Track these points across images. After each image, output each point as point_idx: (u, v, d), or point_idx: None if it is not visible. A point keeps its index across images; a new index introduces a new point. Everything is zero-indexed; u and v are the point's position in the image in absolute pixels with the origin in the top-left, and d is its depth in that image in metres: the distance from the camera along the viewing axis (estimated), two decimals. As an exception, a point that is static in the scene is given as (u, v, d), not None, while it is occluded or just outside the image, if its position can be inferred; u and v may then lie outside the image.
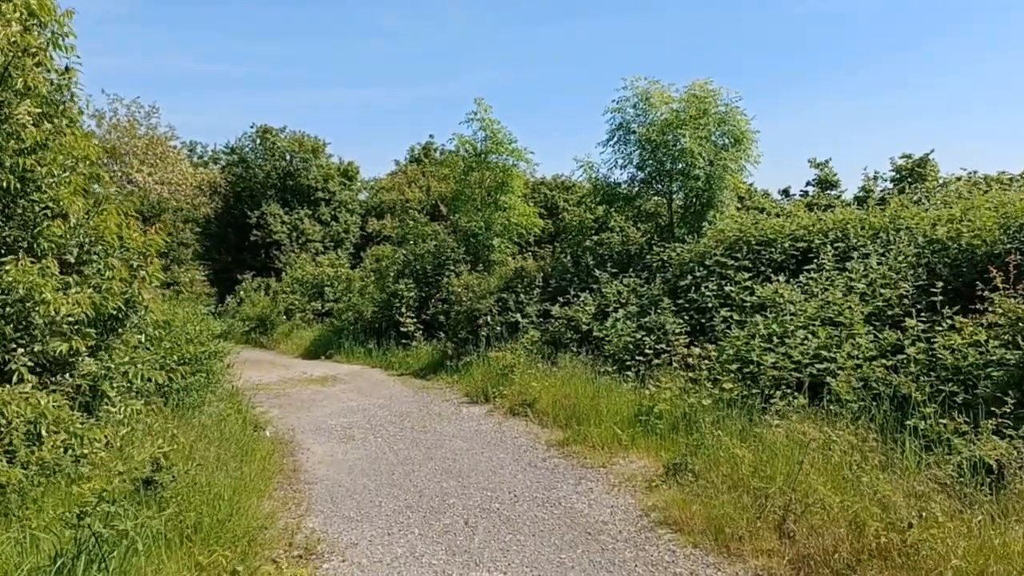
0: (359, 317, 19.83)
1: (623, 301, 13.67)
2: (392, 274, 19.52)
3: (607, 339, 12.65)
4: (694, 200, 15.87)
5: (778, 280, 11.53)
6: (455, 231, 20.80)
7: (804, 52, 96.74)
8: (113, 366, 6.92)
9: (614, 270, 14.69)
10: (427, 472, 8.50)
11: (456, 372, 15.05)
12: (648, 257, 14.71)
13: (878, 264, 11.05)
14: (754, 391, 8.91)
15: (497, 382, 12.82)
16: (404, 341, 17.83)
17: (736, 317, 11.26)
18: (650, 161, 15.94)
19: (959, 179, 19.14)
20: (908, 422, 7.18)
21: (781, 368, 8.98)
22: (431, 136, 37.60)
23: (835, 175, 22.96)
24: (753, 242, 12.58)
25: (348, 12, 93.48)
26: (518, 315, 14.99)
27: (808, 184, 23.81)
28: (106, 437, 6.43)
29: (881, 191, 19.98)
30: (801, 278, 11.37)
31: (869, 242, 11.86)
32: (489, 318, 15.36)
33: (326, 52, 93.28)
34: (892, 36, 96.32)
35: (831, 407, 8.25)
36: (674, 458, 7.99)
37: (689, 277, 12.66)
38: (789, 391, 8.59)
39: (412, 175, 30.22)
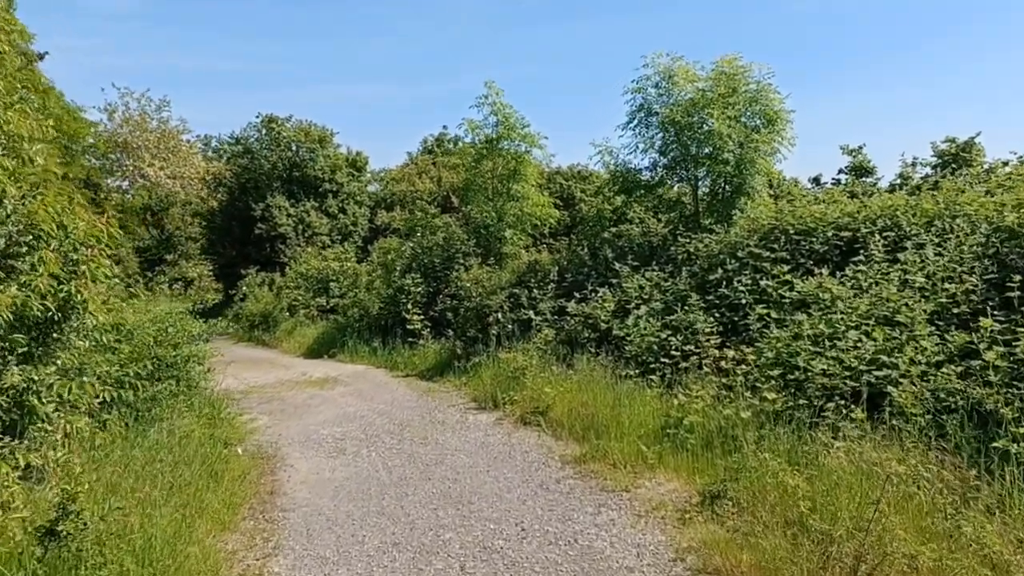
0: (364, 314, 18.74)
1: (646, 297, 12.47)
2: (398, 268, 18.39)
3: (628, 339, 11.47)
4: (723, 187, 14.62)
5: (820, 273, 10.30)
6: (467, 223, 19.64)
7: (803, 51, 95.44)
8: (38, 378, 5.81)
9: (635, 263, 13.49)
10: (423, 496, 7.36)
11: (464, 374, 13.92)
12: (672, 249, 13.49)
13: (936, 255, 9.80)
14: (801, 402, 7.70)
15: (507, 386, 11.68)
16: (411, 339, 16.72)
17: (774, 315, 10.04)
18: (674, 145, 14.69)
19: (1006, 163, 17.75)
20: (996, 444, 5.96)
21: (833, 375, 7.76)
22: (444, 127, 36.52)
23: (870, 162, 21.58)
24: (791, 231, 11.34)
25: (348, 11, 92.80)
26: (531, 312, 13.82)
27: (840, 172, 22.45)
28: (27, 462, 5.31)
29: (921, 178, 18.59)
30: (847, 271, 10.14)
31: (922, 231, 10.60)
32: (500, 315, 14.20)
33: (327, 51, 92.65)
34: (891, 36, 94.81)
35: (894, 422, 7.07)
36: (711, 484, 6.80)
37: (719, 270, 11.43)
38: (843, 402, 7.37)
39: (423, 165, 29.06)
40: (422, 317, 16.79)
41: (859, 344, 8.16)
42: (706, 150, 14.41)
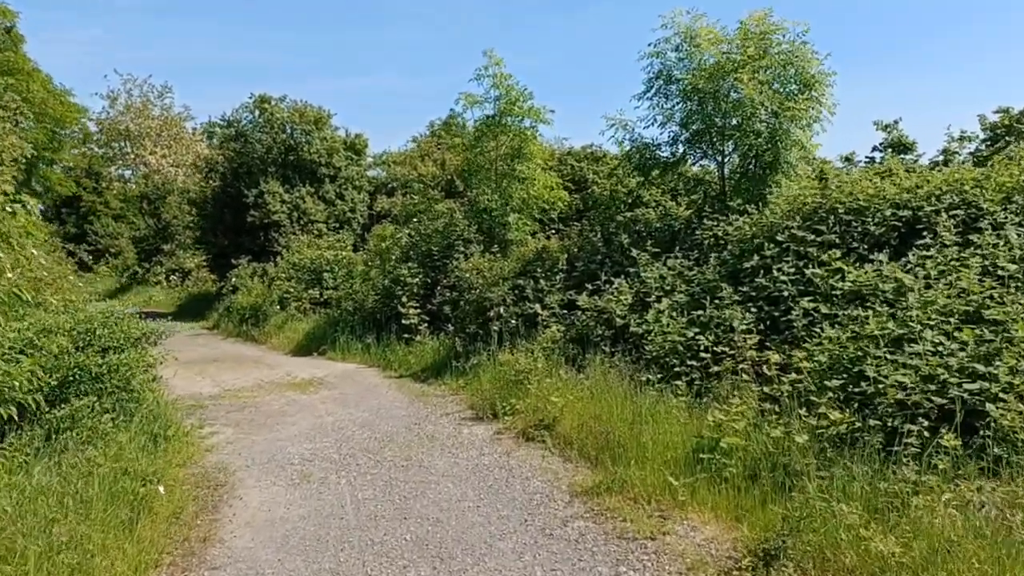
0: (359, 307, 17.20)
1: (668, 288, 10.86)
2: (394, 257, 16.81)
3: (648, 337, 9.88)
4: (753, 162, 12.94)
5: (878, 260, 8.68)
6: (472, 208, 18.05)
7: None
8: None
9: (655, 249, 11.86)
10: (393, 544, 5.81)
11: (462, 375, 12.37)
12: (698, 233, 11.84)
13: (1019, 236, 8.15)
14: (871, 422, 6.09)
15: (508, 392, 10.12)
16: (406, 335, 15.16)
17: (824, 310, 8.42)
18: (697, 116, 13.01)
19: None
20: None
21: (911, 389, 6.14)
22: (452, 110, 34.79)
23: (908, 137, 19.77)
24: (841, 210, 9.67)
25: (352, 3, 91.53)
26: (537, 306, 12.22)
27: (875, 149, 20.63)
28: None
29: (970, 153, 16.80)
30: (911, 256, 8.50)
31: (999, 208, 8.94)
32: (502, 309, 12.63)
33: (332, 42, 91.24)
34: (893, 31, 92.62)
35: (996, 450, 5.49)
36: (763, 537, 5.20)
37: (755, 257, 9.79)
38: (927, 424, 5.76)
39: (426, 148, 27.46)
40: (419, 311, 15.23)
41: (941, 348, 6.54)
42: (733, 121, 12.73)
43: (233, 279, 23.05)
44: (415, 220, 17.77)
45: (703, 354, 8.87)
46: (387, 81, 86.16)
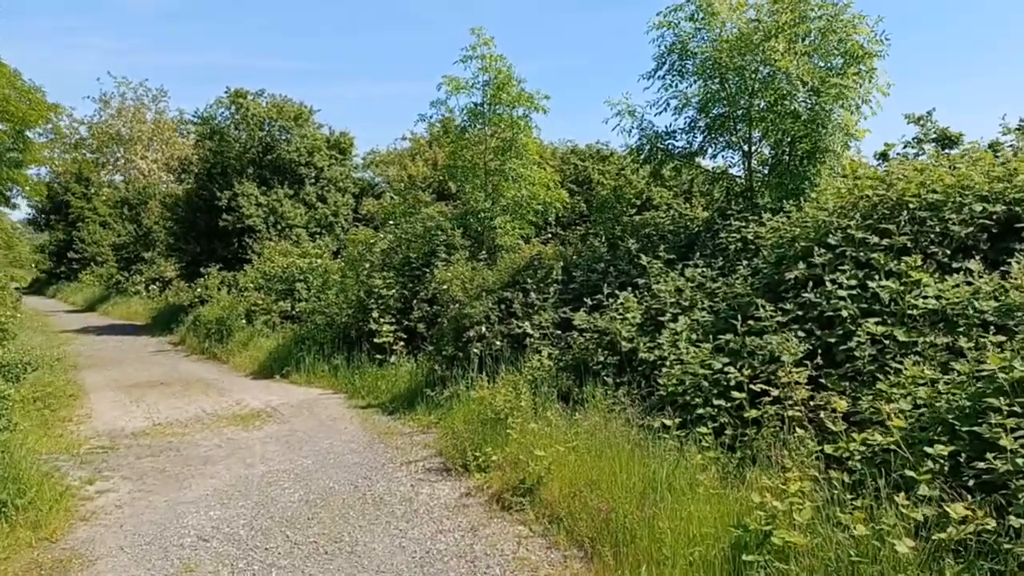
0: (331, 322, 15.06)
1: (685, 304, 8.71)
2: (367, 266, 14.65)
3: (662, 366, 7.74)
4: (787, 151, 10.77)
5: (965, 267, 6.53)
6: (458, 210, 15.91)
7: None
8: None
9: (670, 256, 9.70)
10: None
11: (437, 408, 10.22)
12: (722, 236, 9.67)
13: None
14: (1016, 521, 3.92)
15: (484, 436, 7.98)
16: (380, 356, 13.01)
17: (901, 336, 6.25)
18: (718, 97, 10.87)
19: None
20: None
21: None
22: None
23: (949, 129, 17.53)
24: (913, 206, 7.48)
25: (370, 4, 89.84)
26: (526, 324, 10.05)
27: (907, 145, 18.36)
28: None
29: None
30: (1016, 263, 6.33)
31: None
32: (484, 328, 10.46)
33: (349, 45, 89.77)
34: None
35: None
36: None
37: (800, 265, 7.61)
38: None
39: (417, 147, 25.33)
40: (394, 328, 13.09)
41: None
42: (762, 102, 10.59)
43: (198, 289, 20.96)
44: (391, 223, 15.62)
45: (735, 392, 6.71)
46: (400, 87, 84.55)
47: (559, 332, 9.75)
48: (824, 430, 5.98)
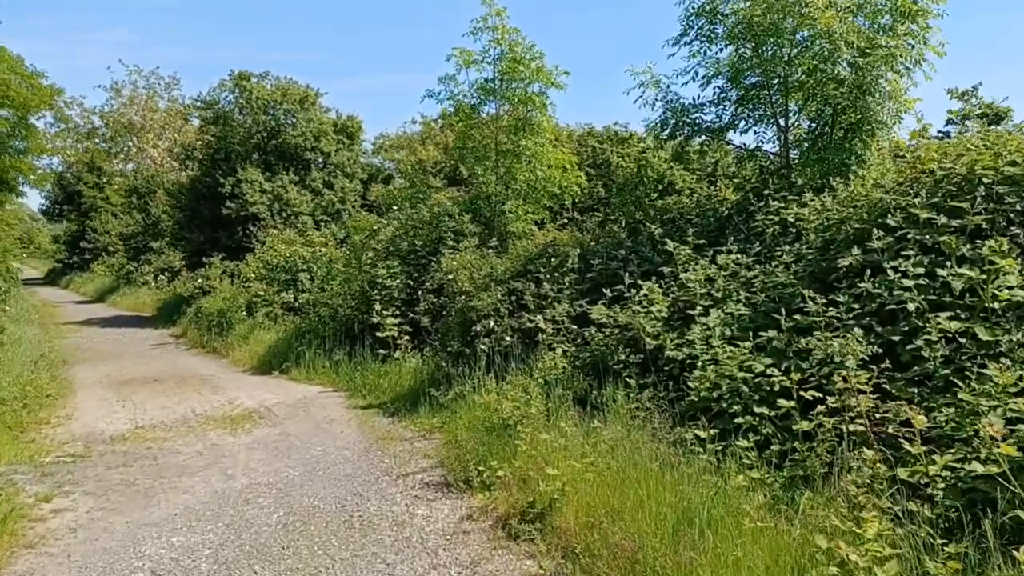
0: (334, 315, 14.13)
1: (718, 295, 7.70)
2: (370, 254, 13.69)
3: (692, 367, 6.77)
4: (828, 123, 9.69)
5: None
6: (468, 194, 14.92)
7: None
8: None
9: (700, 241, 8.67)
10: None
11: (441, 411, 9.27)
12: (758, 219, 8.61)
13: None
14: None
15: (490, 447, 7.03)
16: (383, 351, 12.09)
17: (983, 334, 5.23)
18: (752, 63, 9.80)
19: None
20: None
21: None
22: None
23: (994, 103, 16.29)
24: (988, 181, 6.41)
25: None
26: (538, 318, 9.06)
27: (950, 122, 17.12)
28: None
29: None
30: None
31: None
32: (492, 322, 9.49)
33: (364, 41, 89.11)
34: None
35: None
36: None
37: (855, 250, 6.57)
38: None
39: (428, 130, 24.33)
40: (399, 321, 12.15)
41: None
42: (800, 71, 9.51)
43: (199, 280, 20.13)
44: (395, 208, 14.66)
45: (781, 400, 5.72)
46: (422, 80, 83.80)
47: (575, 327, 8.75)
48: (890, 446, 5.00)
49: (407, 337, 12.10)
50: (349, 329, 13.48)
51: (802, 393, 5.61)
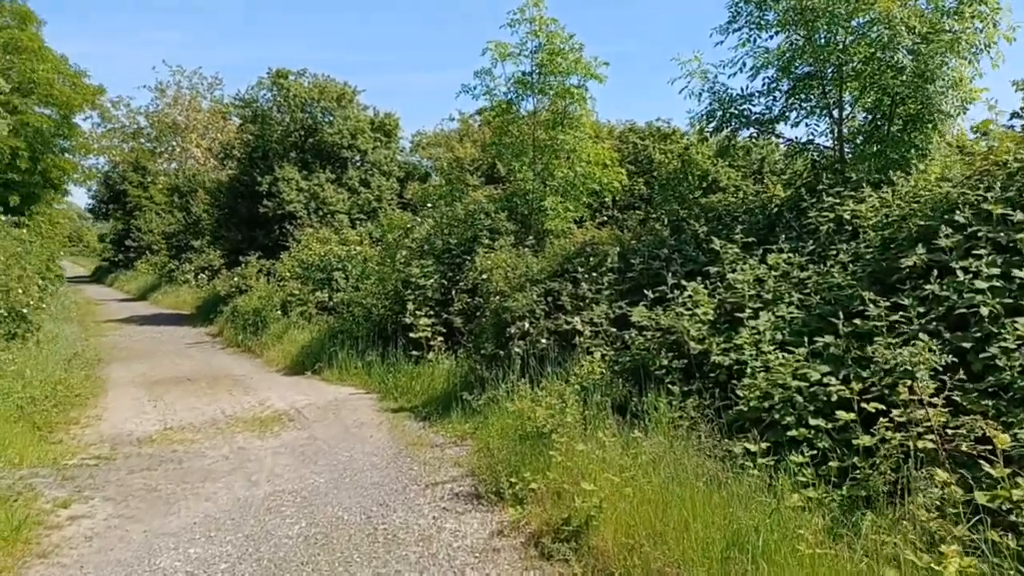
0: (367, 315, 13.85)
1: (768, 297, 7.20)
2: (404, 252, 13.40)
3: (741, 374, 6.31)
4: (886, 114, 9.11)
5: None
6: (504, 192, 14.55)
7: None
8: None
9: (749, 239, 8.18)
10: None
11: (474, 416, 8.90)
12: (811, 216, 8.08)
13: None
14: None
15: (522, 456, 6.65)
16: (416, 353, 11.77)
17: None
18: (804, 51, 9.26)
19: None
20: None
21: None
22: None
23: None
24: (1073, 170, 5.85)
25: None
26: (576, 319, 8.63)
27: (1015, 115, 16.24)
28: None
29: None
30: None
31: None
32: (528, 324, 9.09)
33: (408, 36, 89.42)
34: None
35: None
36: None
37: (919, 249, 6.04)
38: None
39: (466, 127, 24.02)
40: (432, 322, 11.83)
41: None
42: (857, 59, 8.95)
43: (235, 278, 20.06)
44: (429, 206, 14.33)
45: (840, 412, 5.23)
46: (461, 77, 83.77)
47: (614, 330, 8.31)
48: (963, 465, 4.52)
49: (440, 338, 11.78)
50: (382, 329, 13.20)
51: (864, 405, 5.12)
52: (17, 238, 15.92)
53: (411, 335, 11.83)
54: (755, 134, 10.39)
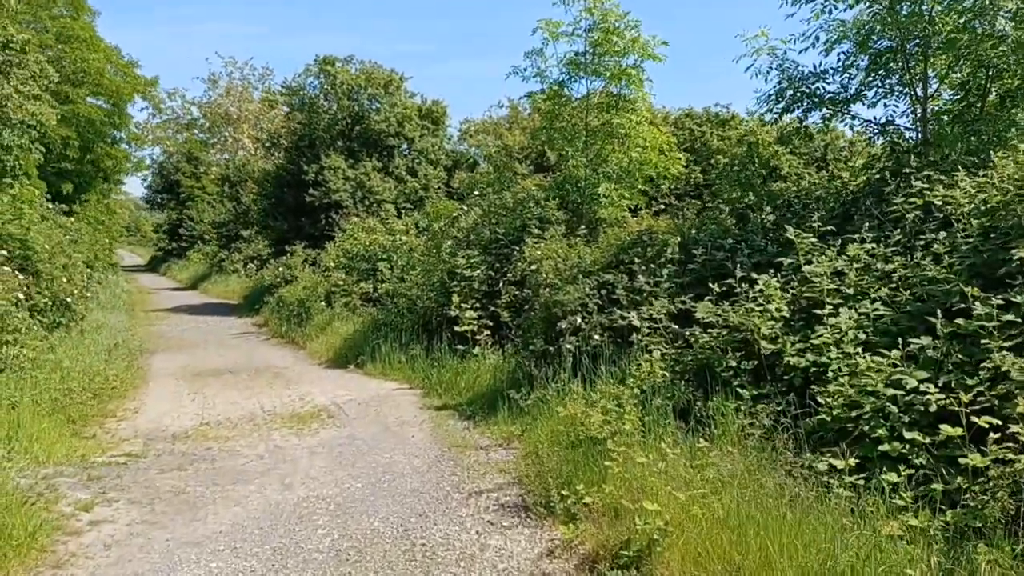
0: (412, 307, 13.36)
1: (850, 292, 6.48)
2: (449, 243, 12.87)
3: (821, 378, 5.64)
4: (980, 88, 8.25)
5: None
6: (555, 179, 13.93)
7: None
8: None
9: (828, 227, 7.43)
10: None
11: (522, 416, 8.31)
12: (896, 203, 7.29)
13: None
14: None
15: (575, 465, 6.07)
16: (461, 347, 11.24)
17: None
18: (885, 23, 8.44)
19: None
20: None
21: None
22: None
23: None
24: None
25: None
26: (632, 315, 7.99)
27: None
28: None
29: None
30: None
31: None
32: (580, 319, 8.47)
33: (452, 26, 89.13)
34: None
35: None
36: None
37: (1034, 239, 5.27)
38: None
39: (515, 114, 23.40)
40: (479, 315, 11.29)
41: None
42: (947, 29, 8.10)
43: (280, 268, 19.81)
44: (476, 194, 13.77)
45: (945, 426, 4.54)
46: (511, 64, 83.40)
47: (675, 326, 7.64)
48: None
49: (487, 332, 11.22)
50: (427, 322, 12.70)
51: (974, 419, 4.41)
52: (63, 226, 15.83)
53: (456, 328, 11.33)
54: (827, 115, 9.58)
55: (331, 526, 5.85)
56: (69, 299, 13.80)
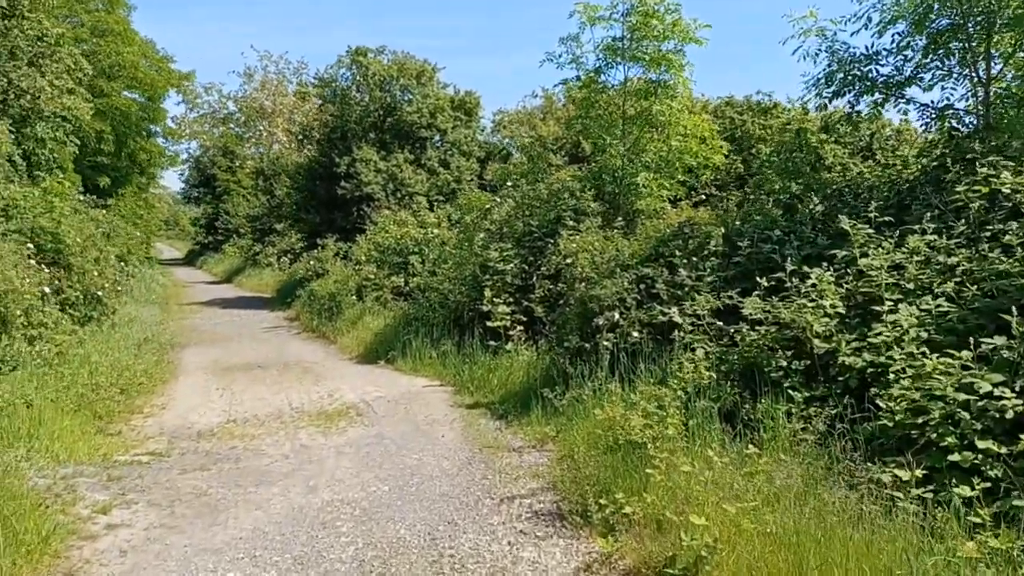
0: (443, 301, 13.06)
1: (910, 287, 6.02)
2: (482, 235, 12.53)
3: (881, 380, 5.21)
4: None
5: None
6: (590, 169, 13.52)
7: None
8: None
9: (886, 217, 6.95)
10: None
11: (556, 416, 7.95)
12: (958, 191, 6.78)
13: None
14: None
15: (613, 471, 5.69)
16: (493, 342, 10.90)
17: None
18: (946, 1, 7.90)
19: None
20: None
21: None
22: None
23: None
24: None
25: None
26: (673, 311, 7.58)
27: None
28: None
29: None
30: None
31: None
32: (618, 315, 8.08)
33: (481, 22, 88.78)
34: None
35: None
36: None
37: None
38: None
39: (549, 104, 22.98)
40: (511, 310, 10.95)
41: None
42: (1012, 7, 7.56)
43: (311, 261, 19.66)
44: (509, 185, 13.40)
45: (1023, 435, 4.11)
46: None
47: (719, 323, 7.22)
48: None
49: (520, 327, 10.88)
50: (459, 317, 12.40)
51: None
52: (95, 219, 15.80)
53: (488, 323, 10.99)
54: (880, 99, 9.06)
55: (355, 533, 5.55)
56: (100, 292, 13.74)
